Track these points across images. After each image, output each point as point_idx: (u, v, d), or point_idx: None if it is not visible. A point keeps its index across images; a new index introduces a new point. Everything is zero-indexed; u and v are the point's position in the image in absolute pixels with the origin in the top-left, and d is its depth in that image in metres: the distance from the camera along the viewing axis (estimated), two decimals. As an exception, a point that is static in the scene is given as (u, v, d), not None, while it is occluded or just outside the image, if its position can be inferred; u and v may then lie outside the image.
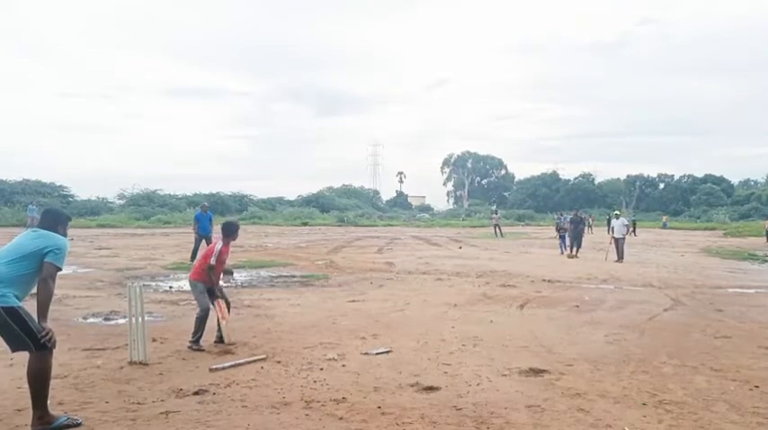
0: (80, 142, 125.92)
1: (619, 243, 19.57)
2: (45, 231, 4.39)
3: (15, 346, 4.15)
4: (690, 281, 14.04)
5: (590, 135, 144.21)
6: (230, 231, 6.97)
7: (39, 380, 4.12)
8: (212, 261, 6.58)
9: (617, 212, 22.99)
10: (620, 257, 19.25)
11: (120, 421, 4.31)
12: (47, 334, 4.09)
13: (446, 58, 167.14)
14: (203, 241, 16.18)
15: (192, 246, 16.66)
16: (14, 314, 4.05)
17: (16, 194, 47.15)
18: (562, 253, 21.70)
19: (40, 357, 4.12)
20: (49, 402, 4.20)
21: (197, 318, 6.57)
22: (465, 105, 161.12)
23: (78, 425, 4.22)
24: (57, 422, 4.14)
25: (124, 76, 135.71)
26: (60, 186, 53.64)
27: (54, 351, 4.23)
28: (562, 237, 22.48)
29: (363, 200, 78.33)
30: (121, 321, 7.87)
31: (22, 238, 4.39)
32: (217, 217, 21.58)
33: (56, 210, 4.78)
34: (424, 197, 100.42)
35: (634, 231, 39.80)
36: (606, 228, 32.60)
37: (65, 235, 4.53)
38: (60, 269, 4.28)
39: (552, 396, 5.06)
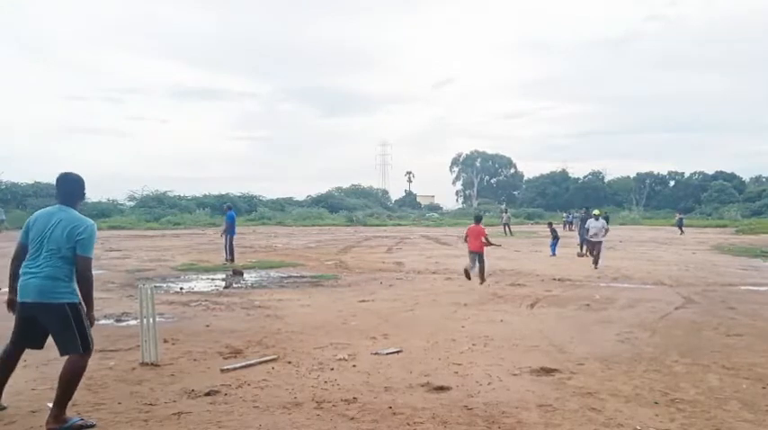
0: (89, 144, 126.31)
1: (596, 247, 16.76)
2: (72, 211, 4.40)
3: (65, 347, 4.26)
4: (701, 278, 13.96)
5: (599, 133, 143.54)
6: (479, 219, 12.86)
7: (72, 381, 4.23)
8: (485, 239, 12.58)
9: (596, 212, 18.83)
10: (596, 263, 16.36)
11: (133, 422, 4.34)
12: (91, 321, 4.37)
13: (453, 56, 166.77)
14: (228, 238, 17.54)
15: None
16: (77, 311, 4.26)
17: (28, 197, 47.41)
18: (553, 254, 20.51)
19: (81, 359, 4.27)
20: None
21: (482, 267, 12.45)
22: (473, 104, 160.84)
23: (92, 426, 4.26)
24: (70, 422, 4.18)
25: (131, 79, 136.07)
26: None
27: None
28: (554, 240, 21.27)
29: (372, 199, 78.31)
30: (133, 322, 7.92)
31: (55, 225, 4.30)
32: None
33: (73, 179, 4.59)
34: (433, 196, 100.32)
35: (681, 230, 39.30)
36: (578, 229, 24.97)
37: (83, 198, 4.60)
38: (91, 259, 4.36)
39: (563, 395, 5.05)
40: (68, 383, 4.21)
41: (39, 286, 4.20)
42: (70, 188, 4.52)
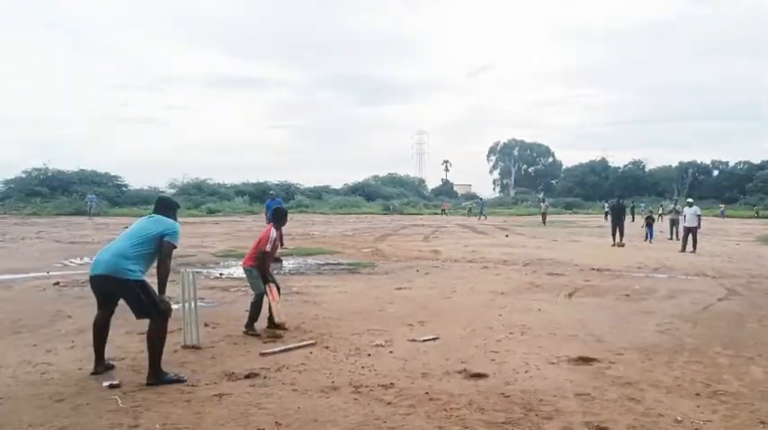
0: (131, 133, 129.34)
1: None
2: (161, 217, 5.23)
3: (140, 313, 5.04)
4: (745, 270, 13.61)
5: (640, 121, 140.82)
6: (279, 217, 7.40)
7: (156, 342, 4.96)
8: (267, 247, 6.77)
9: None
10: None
11: (176, 402, 4.45)
12: (163, 302, 5.06)
13: (489, 43, 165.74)
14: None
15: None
16: (144, 287, 5.02)
17: (74, 184, 48.64)
18: (650, 242, 21.80)
19: (158, 324, 5.02)
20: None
21: (252, 303, 6.80)
22: (510, 92, 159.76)
23: (184, 381, 4.92)
24: (166, 377, 4.90)
25: (171, 68, 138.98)
26: (115, 176, 55.02)
27: (112, 333, 4.73)
28: (650, 226, 22.71)
29: (409, 188, 78.23)
30: (175, 306, 8.04)
31: (143, 223, 5.20)
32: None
33: (168, 199, 5.71)
34: (470, 185, 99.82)
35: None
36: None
37: (175, 220, 5.31)
38: (176, 247, 5.15)
39: (602, 384, 5.00)
40: (154, 345, 4.96)
41: None
42: (168, 207, 5.45)
